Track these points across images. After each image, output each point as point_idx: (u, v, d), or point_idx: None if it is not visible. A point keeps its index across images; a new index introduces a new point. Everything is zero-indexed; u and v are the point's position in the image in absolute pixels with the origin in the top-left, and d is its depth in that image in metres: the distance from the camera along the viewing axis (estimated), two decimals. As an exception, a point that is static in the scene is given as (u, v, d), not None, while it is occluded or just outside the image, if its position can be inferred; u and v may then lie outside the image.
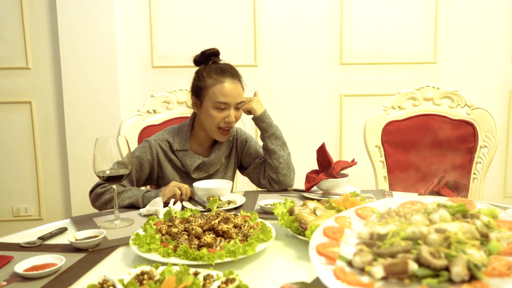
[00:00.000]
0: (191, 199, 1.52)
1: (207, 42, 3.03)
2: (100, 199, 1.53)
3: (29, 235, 1.23)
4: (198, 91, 1.63)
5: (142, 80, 3.03)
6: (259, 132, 1.74)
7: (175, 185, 1.50)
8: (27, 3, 2.89)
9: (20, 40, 2.92)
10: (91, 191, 1.58)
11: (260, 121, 1.68)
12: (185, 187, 1.51)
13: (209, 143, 1.72)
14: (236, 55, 3.08)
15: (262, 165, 1.73)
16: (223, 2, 3.02)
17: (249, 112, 1.69)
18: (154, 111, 2.10)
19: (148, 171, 1.66)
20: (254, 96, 1.72)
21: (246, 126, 2.16)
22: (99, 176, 1.28)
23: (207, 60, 1.64)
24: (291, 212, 1.25)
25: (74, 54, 2.83)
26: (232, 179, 1.82)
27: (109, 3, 2.80)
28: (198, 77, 1.63)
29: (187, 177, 1.68)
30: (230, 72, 1.60)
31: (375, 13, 3.09)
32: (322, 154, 1.60)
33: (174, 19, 3.01)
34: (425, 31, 3.11)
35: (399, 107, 2.13)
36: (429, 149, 2.10)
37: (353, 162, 1.59)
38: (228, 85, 1.58)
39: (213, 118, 1.60)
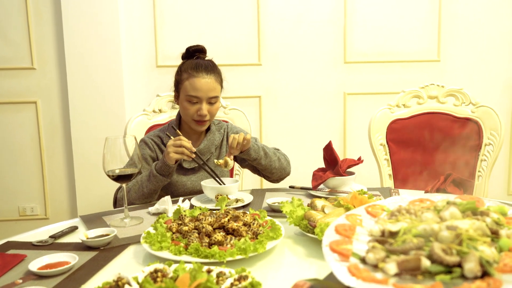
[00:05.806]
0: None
1: (211, 41, 3.04)
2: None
3: (39, 234, 1.25)
4: (176, 84, 1.71)
5: (146, 79, 3.04)
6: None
7: (177, 144, 1.52)
8: (32, 4, 2.89)
9: (25, 41, 2.92)
10: (115, 201, 1.65)
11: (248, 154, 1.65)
12: (185, 142, 1.53)
13: (198, 134, 1.77)
14: (240, 54, 3.09)
15: None
16: (227, 1, 3.03)
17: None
18: (160, 111, 2.11)
19: None
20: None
21: (251, 126, 2.17)
22: (108, 175, 1.30)
23: (192, 56, 1.70)
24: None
25: (79, 54, 2.84)
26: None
27: (114, 4, 2.80)
28: (177, 71, 1.72)
29: (180, 169, 1.72)
30: (205, 67, 1.65)
31: (378, 12, 3.09)
32: (329, 152, 1.61)
33: (178, 19, 3.02)
34: (428, 29, 3.12)
35: (403, 105, 2.14)
36: (434, 147, 2.11)
37: (359, 160, 1.60)
38: (199, 80, 1.62)
39: (186, 110, 1.67)
